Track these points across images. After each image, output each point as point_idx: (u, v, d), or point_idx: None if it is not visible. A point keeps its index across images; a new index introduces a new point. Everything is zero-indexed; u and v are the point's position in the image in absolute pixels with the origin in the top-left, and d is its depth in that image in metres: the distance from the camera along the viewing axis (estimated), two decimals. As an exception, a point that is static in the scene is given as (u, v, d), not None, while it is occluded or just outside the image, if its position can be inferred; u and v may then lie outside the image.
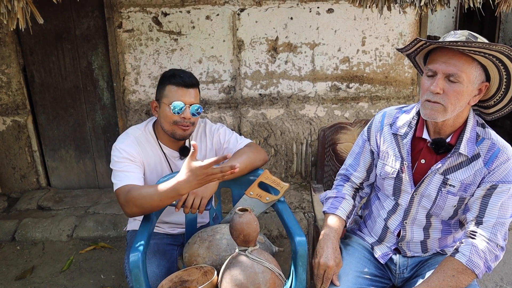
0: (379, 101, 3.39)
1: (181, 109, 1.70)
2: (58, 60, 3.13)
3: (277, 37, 3.16)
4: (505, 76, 1.30)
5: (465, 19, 6.57)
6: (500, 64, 1.28)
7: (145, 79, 3.15)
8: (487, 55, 1.25)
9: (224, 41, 3.13)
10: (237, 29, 3.11)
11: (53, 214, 3.07)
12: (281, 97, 3.32)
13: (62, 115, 3.27)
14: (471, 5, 1.91)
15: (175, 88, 1.71)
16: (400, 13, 2.07)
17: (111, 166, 1.75)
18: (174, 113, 1.70)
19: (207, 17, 3.05)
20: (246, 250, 1.37)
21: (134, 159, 1.75)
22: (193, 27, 3.07)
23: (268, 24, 3.12)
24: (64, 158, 3.39)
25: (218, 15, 3.06)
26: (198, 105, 1.75)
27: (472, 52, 1.25)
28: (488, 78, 1.33)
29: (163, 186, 1.49)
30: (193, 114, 1.74)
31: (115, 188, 1.70)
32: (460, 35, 1.30)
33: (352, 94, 3.35)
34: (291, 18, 3.12)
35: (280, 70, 3.25)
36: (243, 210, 1.37)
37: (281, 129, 3.41)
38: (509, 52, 1.22)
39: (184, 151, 1.86)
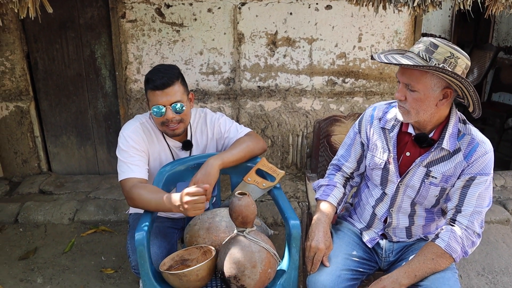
0: (374, 96, 3.49)
1: (161, 112, 1.74)
2: (62, 48, 3.20)
3: (276, 31, 3.25)
4: (458, 86, 1.38)
5: (461, 18, 6.67)
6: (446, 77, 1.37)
7: (147, 68, 3.23)
8: (431, 71, 1.35)
9: (225, 33, 3.21)
10: (238, 23, 3.19)
11: (55, 198, 3.17)
12: (279, 90, 3.41)
13: (64, 102, 3.35)
14: (461, 8, 2.01)
15: (152, 92, 1.73)
16: (394, 12, 2.17)
17: (117, 154, 1.83)
18: (156, 116, 1.76)
19: (209, 10, 3.13)
20: (244, 231, 1.48)
21: (139, 147, 1.82)
22: (195, 19, 3.14)
23: (268, 18, 3.20)
24: (66, 144, 3.47)
25: (219, 8, 3.14)
26: (179, 103, 1.74)
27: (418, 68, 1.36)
28: None
29: (160, 199, 1.59)
30: (177, 112, 1.75)
31: (119, 178, 1.79)
32: (423, 44, 1.40)
33: (347, 88, 3.45)
34: (291, 13, 3.21)
35: (279, 64, 3.34)
36: (242, 193, 1.48)
37: (278, 121, 3.50)
38: (440, 71, 1.33)
39: (186, 145, 1.94)
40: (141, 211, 1.81)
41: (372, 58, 1.49)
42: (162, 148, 1.93)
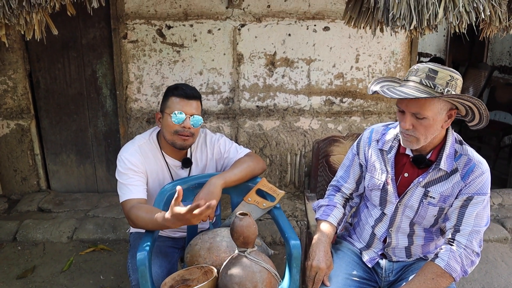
0: (371, 116, 3.54)
1: (182, 118, 1.81)
2: (64, 67, 3.24)
3: (275, 52, 3.31)
4: (467, 106, 1.43)
5: (456, 38, 6.79)
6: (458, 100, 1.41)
7: (147, 88, 3.28)
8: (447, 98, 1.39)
9: (224, 54, 3.27)
10: (237, 44, 3.25)
11: (54, 216, 3.16)
12: (277, 109, 3.45)
13: (65, 121, 3.38)
14: (457, 31, 2.06)
15: (177, 99, 1.83)
16: (391, 35, 2.23)
17: (116, 176, 1.86)
18: (175, 122, 1.81)
19: (209, 31, 3.20)
20: (245, 251, 1.49)
21: (138, 169, 1.85)
22: (195, 40, 3.20)
23: (267, 39, 3.27)
24: (65, 162, 3.49)
25: (219, 29, 3.20)
26: (199, 116, 1.85)
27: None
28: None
29: (157, 218, 1.58)
30: (194, 125, 1.83)
31: (120, 200, 1.82)
32: (421, 72, 1.42)
33: (345, 108, 3.50)
34: (289, 35, 3.27)
35: (277, 84, 3.39)
36: (243, 214, 1.50)
37: (277, 140, 3.54)
38: (456, 97, 1.37)
39: (186, 163, 1.97)
40: (142, 230, 1.83)
41: (373, 93, 1.52)
42: (160, 168, 1.95)
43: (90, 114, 3.38)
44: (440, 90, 1.38)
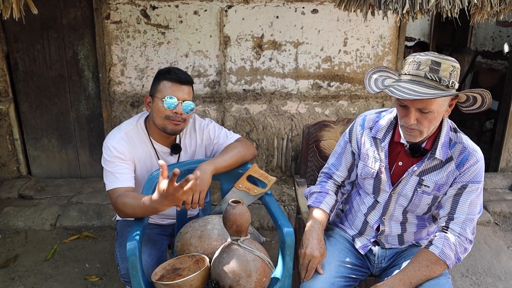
0: (358, 100, 3.53)
1: (174, 104, 1.75)
2: (43, 48, 3.11)
3: (262, 34, 3.24)
4: (474, 97, 1.42)
5: (440, 23, 6.82)
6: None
7: (131, 71, 3.18)
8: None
9: (211, 36, 3.18)
10: (224, 25, 3.17)
11: (35, 203, 3.07)
12: (265, 93, 3.40)
13: (45, 104, 3.26)
14: (449, 15, 2.04)
15: (169, 83, 1.76)
16: (383, 18, 2.19)
17: (102, 164, 1.80)
18: (166, 107, 1.75)
19: (195, 12, 3.10)
20: (238, 239, 1.46)
21: (124, 156, 1.79)
22: (181, 21, 3.11)
23: (254, 21, 3.19)
24: (46, 147, 3.38)
25: (206, 10, 3.11)
26: (190, 102, 1.80)
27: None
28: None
29: (144, 202, 1.53)
30: (186, 111, 1.78)
31: (106, 188, 1.76)
32: (424, 65, 1.36)
33: (332, 92, 3.48)
34: (277, 17, 3.20)
35: (265, 67, 3.33)
36: (236, 201, 1.46)
37: (263, 124, 3.50)
38: (469, 91, 1.37)
39: (175, 149, 1.91)
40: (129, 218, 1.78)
41: (367, 89, 1.48)
42: (148, 155, 1.89)
43: (71, 98, 3.26)
44: (446, 83, 1.35)
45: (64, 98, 3.25)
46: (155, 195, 1.45)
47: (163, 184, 1.38)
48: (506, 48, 5.09)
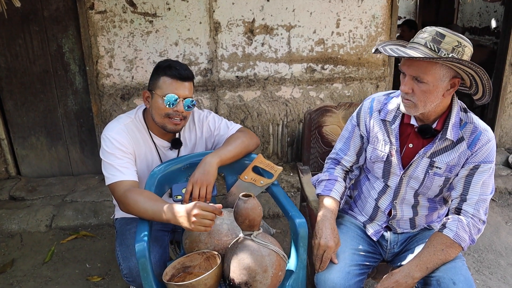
0: (353, 82, 3.48)
1: (174, 102, 1.68)
2: (25, 43, 2.97)
3: (253, 19, 3.15)
4: (470, 75, 1.36)
5: (425, 0, 6.79)
6: (463, 69, 1.34)
7: (119, 62, 3.06)
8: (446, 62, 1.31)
9: (200, 23, 3.08)
10: (214, 11, 3.07)
11: (28, 204, 2.97)
12: (258, 79, 3.33)
13: (31, 101, 3.13)
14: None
15: (170, 80, 1.68)
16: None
17: (101, 156, 1.72)
18: (167, 105, 1.68)
19: (183, -2, 2.99)
20: (252, 234, 1.41)
21: (126, 149, 1.71)
22: (169, 8, 2.99)
23: (244, 6, 3.10)
24: (35, 146, 3.26)
25: (194, -4, 3.00)
26: (191, 99, 1.73)
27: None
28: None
29: (160, 209, 1.48)
30: (186, 108, 1.72)
31: (107, 182, 1.68)
32: (428, 34, 1.35)
33: (326, 75, 3.42)
34: (268, 0, 3.11)
35: (257, 52, 3.25)
36: (247, 195, 1.41)
37: (258, 111, 3.43)
38: (456, 61, 1.29)
39: (175, 144, 1.84)
40: (129, 215, 1.71)
41: (375, 51, 1.43)
42: (148, 149, 1.83)
43: (58, 93, 3.14)
44: (444, 55, 1.31)
45: (50, 94, 3.13)
46: (180, 211, 1.43)
47: (196, 210, 1.40)
48: (493, 24, 5.08)
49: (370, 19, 3.30)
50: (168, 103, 1.67)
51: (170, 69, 1.68)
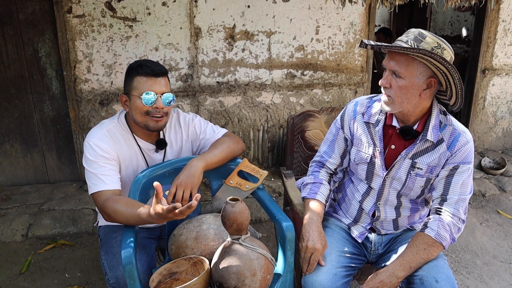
0: (332, 88, 3.54)
1: (152, 99, 1.66)
2: None
3: (234, 25, 3.17)
4: (444, 75, 1.41)
5: (399, 9, 6.95)
6: (436, 66, 1.39)
7: (98, 67, 3.02)
8: (420, 57, 1.37)
9: (181, 28, 3.07)
10: (194, 16, 3.07)
11: (2, 214, 2.87)
12: (239, 84, 3.34)
13: (5, 107, 3.04)
14: (426, 1, 2.06)
15: (144, 78, 1.66)
16: (363, 5, 2.18)
17: (84, 164, 1.68)
18: (145, 104, 1.66)
19: (164, 3, 2.98)
20: (239, 238, 1.41)
21: (109, 155, 1.68)
22: (149, 13, 2.98)
23: (225, 11, 3.11)
24: (9, 153, 3.16)
25: (174, 1, 2.99)
26: (170, 93, 1.71)
27: (408, 53, 1.38)
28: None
29: (140, 214, 1.46)
30: (167, 104, 1.70)
31: (90, 191, 1.65)
32: (411, 34, 1.43)
33: (306, 81, 3.47)
34: (248, 6, 3.14)
35: (238, 58, 3.27)
36: (234, 199, 1.40)
37: (239, 116, 3.44)
38: (428, 55, 1.33)
39: (160, 144, 1.82)
40: (113, 223, 1.68)
41: (360, 45, 1.49)
42: (133, 153, 1.80)
43: (34, 98, 3.06)
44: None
45: (25, 99, 3.05)
46: (152, 212, 1.38)
47: (159, 207, 1.33)
48: (464, 32, 5.27)
49: (349, 26, 3.38)
50: (146, 101, 1.65)
51: (142, 67, 1.66)
